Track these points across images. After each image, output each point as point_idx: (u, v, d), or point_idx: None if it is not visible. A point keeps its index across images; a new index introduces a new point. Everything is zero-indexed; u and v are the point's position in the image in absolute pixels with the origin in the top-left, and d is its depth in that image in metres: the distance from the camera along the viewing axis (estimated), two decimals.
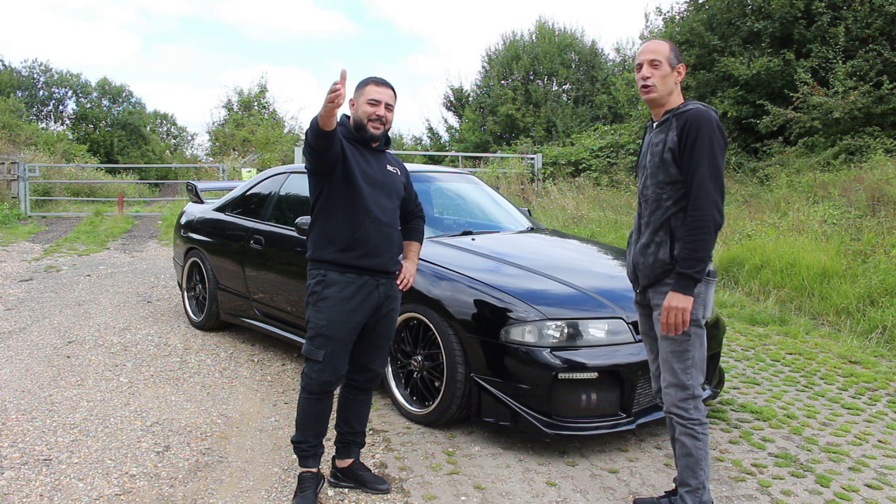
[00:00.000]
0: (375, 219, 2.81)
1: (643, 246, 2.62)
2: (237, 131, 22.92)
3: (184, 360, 4.85)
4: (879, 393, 4.32)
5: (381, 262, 2.85)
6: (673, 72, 2.58)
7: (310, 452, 2.90)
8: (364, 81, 2.88)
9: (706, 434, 2.55)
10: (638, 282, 2.70)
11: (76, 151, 26.59)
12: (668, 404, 2.59)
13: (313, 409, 2.87)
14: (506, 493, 2.98)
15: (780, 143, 11.70)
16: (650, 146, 2.63)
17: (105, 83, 43.02)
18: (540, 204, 12.67)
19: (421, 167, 5.50)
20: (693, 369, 2.53)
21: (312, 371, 2.82)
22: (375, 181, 2.84)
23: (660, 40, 2.64)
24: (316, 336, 2.79)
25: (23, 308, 6.32)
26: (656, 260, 2.56)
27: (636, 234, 2.72)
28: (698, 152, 2.43)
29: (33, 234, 11.84)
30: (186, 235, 5.86)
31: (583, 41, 24.61)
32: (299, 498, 2.83)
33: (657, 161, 2.55)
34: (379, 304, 2.89)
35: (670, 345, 2.55)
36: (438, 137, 27.76)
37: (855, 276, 6.19)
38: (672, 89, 2.59)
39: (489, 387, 3.35)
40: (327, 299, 2.78)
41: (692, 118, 2.46)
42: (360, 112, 2.84)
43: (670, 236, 2.53)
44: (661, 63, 2.56)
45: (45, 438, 3.48)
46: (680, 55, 2.63)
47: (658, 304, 2.59)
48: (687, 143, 2.45)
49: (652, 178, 2.58)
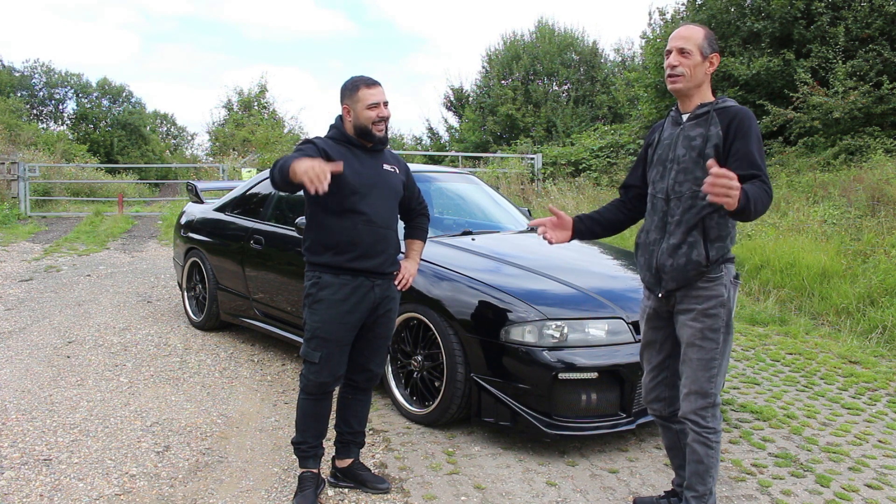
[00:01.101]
0: (369, 220, 2.79)
1: (674, 246, 2.43)
2: (237, 131, 22.91)
3: (184, 360, 4.85)
4: (879, 393, 4.32)
5: (376, 263, 2.83)
6: (705, 61, 2.40)
7: (310, 453, 2.90)
8: (354, 85, 2.80)
9: (719, 443, 2.47)
10: (661, 285, 2.50)
11: (76, 151, 26.58)
12: (685, 410, 2.48)
13: (312, 410, 2.87)
14: (506, 493, 2.98)
15: (780, 143, 11.70)
16: (682, 140, 2.43)
17: (105, 83, 43.04)
18: (540, 204, 12.67)
19: (421, 167, 5.50)
20: (718, 377, 2.43)
21: (310, 373, 2.82)
22: (369, 182, 2.80)
23: (694, 25, 2.45)
24: (312, 338, 2.79)
25: (23, 308, 6.32)
26: (689, 261, 2.39)
27: (658, 233, 2.51)
28: (751, 145, 2.28)
29: (33, 234, 11.84)
30: (186, 235, 5.86)
31: (583, 41, 24.62)
32: (300, 497, 2.83)
33: (694, 156, 2.37)
34: (376, 304, 2.87)
35: (698, 352, 2.42)
36: (438, 137, 27.77)
37: (855, 276, 6.19)
38: (702, 80, 2.42)
39: (489, 387, 3.35)
40: (322, 301, 2.78)
41: (742, 114, 2.32)
42: (361, 119, 2.79)
43: (704, 236, 2.39)
44: (691, 52, 2.38)
45: (45, 438, 3.48)
46: (716, 43, 2.44)
47: (688, 308, 2.43)
48: (737, 136, 2.29)
49: (687, 174, 2.39)
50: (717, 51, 2.44)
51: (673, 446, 2.71)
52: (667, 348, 2.61)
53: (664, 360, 2.62)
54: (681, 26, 2.49)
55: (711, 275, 2.41)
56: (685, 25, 2.47)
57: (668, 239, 2.46)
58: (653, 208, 2.54)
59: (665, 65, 2.45)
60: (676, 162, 2.45)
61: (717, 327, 2.41)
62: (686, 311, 2.45)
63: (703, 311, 2.41)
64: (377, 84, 2.83)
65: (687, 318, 2.45)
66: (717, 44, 2.46)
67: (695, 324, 2.42)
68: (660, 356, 2.63)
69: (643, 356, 2.70)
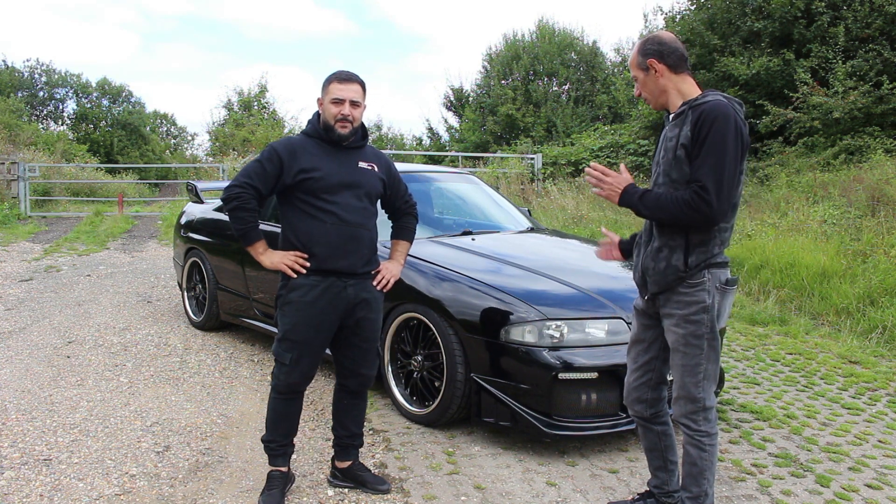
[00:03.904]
0: (340, 220, 2.74)
1: (655, 250, 2.43)
2: (237, 131, 22.92)
3: (184, 360, 4.85)
4: (879, 393, 4.32)
5: (348, 263, 2.77)
6: (648, 73, 2.41)
7: (279, 451, 2.89)
8: (328, 78, 2.77)
9: (714, 445, 2.45)
10: (646, 287, 2.50)
11: (76, 151, 26.59)
12: (676, 414, 2.48)
13: (282, 409, 2.86)
14: (506, 493, 2.98)
15: (780, 143, 11.70)
16: (664, 140, 2.42)
17: (105, 83, 43.01)
18: (540, 204, 12.67)
19: (421, 167, 5.51)
20: (705, 382, 2.41)
21: (280, 373, 2.81)
22: (340, 181, 2.75)
23: (634, 48, 2.46)
24: (283, 339, 2.78)
25: (23, 308, 6.32)
26: (669, 266, 2.38)
27: (646, 235, 2.52)
28: (706, 148, 2.22)
29: (33, 234, 11.84)
30: (186, 235, 5.86)
31: (583, 41, 24.63)
32: (266, 496, 2.81)
33: (670, 157, 2.35)
34: (352, 306, 2.81)
35: (682, 358, 2.41)
36: (438, 137, 27.78)
37: (855, 276, 6.19)
38: (664, 87, 2.40)
39: (489, 387, 3.35)
40: (291, 304, 2.76)
41: (708, 111, 2.24)
42: (326, 114, 2.75)
43: (685, 241, 2.36)
44: (637, 76, 2.45)
45: (45, 438, 3.48)
46: (648, 49, 2.40)
47: (670, 312, 2.43)
48: (698, 139, 2.24)
49: (665, 176, 2.37)
50: (651, 54, 2.39)
51: (652, 447, 2.69)
52: (654, 349, 2.59)
53: (650, 360, 2.60)
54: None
55: (692, 280, 2.37)
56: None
57: (652, 242, 2.46)
58: None
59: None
60: (658, 164, 2.45)
61: (699, 333, 2.38)
62: (669, 315, 2.44)
63: (685, 316, 2.39)
64: (352, 81, 2.76)
65: (670, 323, 2.45)
66: (651, 46, 2.40)
67: (678, 329, 2.42)
68: (646, 356, 2.61)
69: (630, 353, 2.68)
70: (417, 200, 3.22)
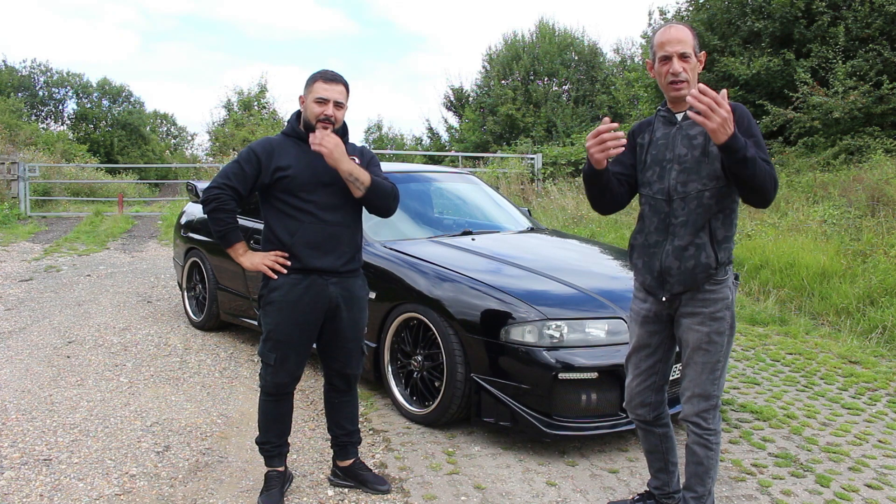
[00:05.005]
0: (319, 219, 2.73)
1: (680, 248, 2.36)
2: (237, 131, 22.94)
3: (184, 360, 4.85)
4: (879, 393, 4.32)
5: (328, 262, 2.75)
6: (698, 62, 2.37)
7: (274, 452, 2.89)
8: (313, 77, 2.74)
9: (719, 444, 2.46)
10: (665, 288, 2.42)
11: (76, 151, 26.56)
12: (687, 412, 2.46)
13: (273, 411, 2.86)
14: (506, 493, 2.98)
15: (780, 143, 11.70)
16: (682, 139, 2.37)
17: (105, 83, 43.02)
18: (540, 204, 12.67)
19: (421, 167, 5.50)
20: (721, 379, 2.42)
21: (267, 374, 2.81)
22: (320, 180, 2.73)
23: (682, 26, 2.36)
24: (267, 339, 2.78)
25: (23, 308, 6.32)
26: (698, 264, 2.33)
27: (660, 235, 2.43)
28: (755, 140, 2.22)
29: (33, 234, 11.83)
30: (186, 235, 5.86)
31: (583, 41, 24.63)
32: (265, 496, 2.82)
33: (697, 154, 2.32)
34: (335, 304, 2.79)
35: (703, 356, 2.39)
36: (438, 137, 27.79)
37: (855, 276, 6.19)
38: (696, 81, 2.35)
39: (489, 387, 3.35)
40: (273, 303, 2.75)
41: (739, 109, 2.24)
42: (308, 112, 2.71)
43: (710, 237, 2.34)
44: (690, 56, 2.32)
45: (45, 438, 3.48)
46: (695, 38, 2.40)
47: (693, 311, 2.38)
48: (739, 129, 2.16)
49: (692, 174, 2.33)
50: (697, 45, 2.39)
51: (654, 450, 2.68)
52: (660, 352, 2.56)
53: (655, 364, 2.58)
54: (666, 27, 2.38)
55: (718, 277, 2.38)
56: (673, 26, 2.36)
57: (672, 241, 2.40)
58: (651, 210, 2.46)
59: (664, 71, 2.34)
60: (677, 161, 2.38)
61: (722, 330, 2.39)
62: (691, 314, 2.41)
63: (710, 314, 2.38)
64: (337, 81, 2.72)
65: (692, 321, 2.41)
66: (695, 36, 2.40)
67: (702, 328, 2.39)
68: (651, 360, 2.57)
69: (631, 359, 2.63)
70: (417, 200, 3.21)
